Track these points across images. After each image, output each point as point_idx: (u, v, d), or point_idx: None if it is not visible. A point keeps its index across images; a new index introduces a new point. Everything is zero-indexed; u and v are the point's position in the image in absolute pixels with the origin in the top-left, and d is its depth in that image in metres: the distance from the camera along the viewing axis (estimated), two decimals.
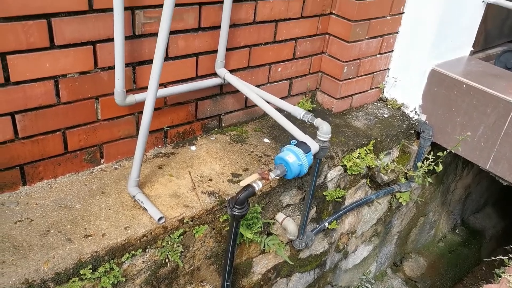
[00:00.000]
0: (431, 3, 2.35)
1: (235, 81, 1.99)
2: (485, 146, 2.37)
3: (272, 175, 1.64)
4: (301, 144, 1.72)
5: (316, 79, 2.54)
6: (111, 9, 1.58)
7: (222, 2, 1.87)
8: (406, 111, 2.65)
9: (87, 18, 1.56)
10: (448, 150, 2.45)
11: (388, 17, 2.43)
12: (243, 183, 1.59)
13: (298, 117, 1.87)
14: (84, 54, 1.61)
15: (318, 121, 1.81)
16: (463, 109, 2.41)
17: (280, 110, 1.93)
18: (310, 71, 2.48)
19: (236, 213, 1.60)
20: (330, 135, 1.80)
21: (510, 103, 2.22)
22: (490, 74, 2.49)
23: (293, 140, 1.74)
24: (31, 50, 1.48)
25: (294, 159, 1.66)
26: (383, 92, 2.73)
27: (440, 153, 2.37)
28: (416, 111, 2.63)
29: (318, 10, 2.28)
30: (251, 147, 2.16)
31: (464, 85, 2.38)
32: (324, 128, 1.79)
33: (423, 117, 2.61)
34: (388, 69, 2.67)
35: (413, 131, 2.63)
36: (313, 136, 1.81)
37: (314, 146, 1.76)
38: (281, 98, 2.36)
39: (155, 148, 2.03)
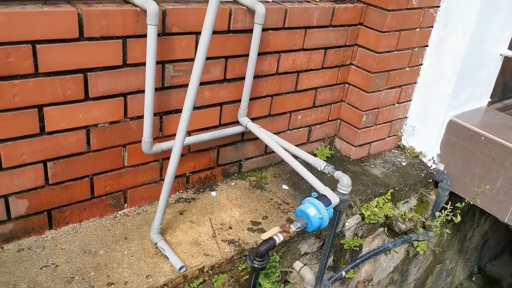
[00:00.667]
0: (449, 56, 2.41)
1: (258, 130, 2.04)
2: (504, 198, 2.36)
3: (292, 228, 1.66)
4: (322, 197, 1.74)
5: (334, 126, 2.58)
6: (143, 64, 1.66)
7: (247, 55, 1.94)
8: (424, 160, 2.66)
9: (120, 72, 1.63)
10: (466, 201, 2.45)
11: (407, 69, 2.48)
12: (264, 236, 1.61)
13: (319, 169, 1.90)
14: (115, 105, 1.68)
15: (338, 174, 1.84)
16: (482, 160, 2.42)
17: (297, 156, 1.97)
18: (329, 119, 2.52)
19: (257, 266, 1.62)
20: (350, 188, 1.83)
21: None
22: (508, 126, 2.51)
23: (314, 193, 1.77)
24: (67, 102, 1.56)
25: (315, 212, 1.68)
26: (400, 140, 2.76)
27: (458, 204, 2.37)
28: (434, 160, 2.64)
29: (339, 61, 2.35)
30: (270, 193, 2.19)
31: (483, 137, 2.40)
32: (345, 181, 1.82)
33: (441, 166, 2.62)
34: (406, 117, 2.70)
35: (431, 180, 2.63)
36: (331, 183, 1.84)
37: (335, 199, 1.78)
38: (300, 144, 2.42)
39: (177, 193, 2.07)
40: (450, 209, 2.43)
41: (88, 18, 1.47)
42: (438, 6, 2.38)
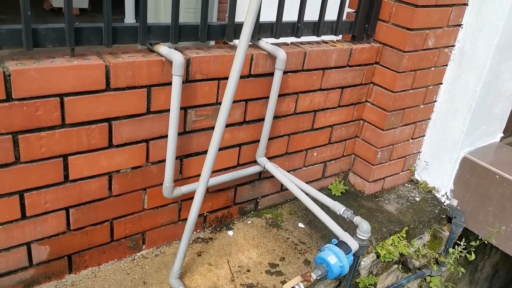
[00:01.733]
0: (464, 94, 2.42)
1: (276, 171, 2.04)
2: None
3: (313, 276, 1.65)
4: (342, 244, 1.74)
5: (349, 161, 2.59)
6: (166, 110, 1.67)
7: (266, 98, 1.96)
8: (438, 195, 2.66)
9: (143, 119, 1.64)
10: (480, 238, 2.44)
11: (422, 106, 2.49)
12: (286, 286, 1.61)
13: (338, 213, 1.91)
14: (138, 151, 1.69)
15: (358, 220, 1.84)
16: (496, 199, 2.42)
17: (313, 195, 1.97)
18: (344, 154, 2.53)
19: None
20: (370, 234, 1.83)
21: None
22: None
23: (334, 240, 1.77)
24: (91, 151, 1.57)
25: (335, 260, 1.68)
26: (413, 174, 2.76)
27: (473, 243, 2.36)
28: (447, 196, 2.64)
29: (355, 99, 2.36)
30: (287, 233, 2.18)
31: (497, 176, 2.40)
32: (364, 227, 1.82)
33: (455, 202, 2.62)
34: (419, 152, 2.71)
35: (444, 216, 2.63)
36: (347, 223, 1.83)
37: (354, 245, 1.78)
38: (315, 180, 2.43)
39: (194, 233, 2.07)
40: (464, 246, 2.43)
41: (115, 70, 1.49)
42: (453, 46, 2.40)
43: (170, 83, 1.62)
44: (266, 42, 1.88)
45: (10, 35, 1.32)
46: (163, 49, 1.59)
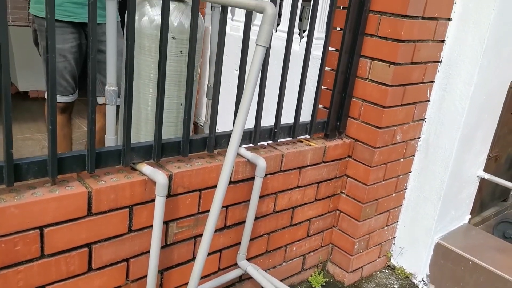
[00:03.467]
0: (434, 183, 2.52)
1: (258, 275, 2.02)
2: None
3: None
4: None
5: (327, 251, 2.60)
6: (148, 227, 1.65)
7: (247, 201, 1.97)
8: (415, 281, 2.69)
9: (125, 239, 1.61)
10: None
11: (394, 195, 2.57)
12: None
13: None
14: (118, 272, 1.63)
15: None
16: (471, 285, 2.47)
17: None
18: (322, 245, 2.54)
19: None
20: None
21: None
22: (493, 248, 2.60)
23: None
24: (70, 278, 1.50)
25: None
26: (390, 260, 2.80)
27: None
28: (424, 281, 2.67)
29: (330, 192, 2.41)
30: None
31: (471, 262, 2.47)
32: None
33: (432, 287, 2.65)
34: (394, 237, 2.76)
35: None
36: None
37: None
38: (295, 274, 2.41)
39: None
40: None
41: (98, 195, 1.47)
42: (419, 137, 2.53)
43: (152, 200, 1.61)
44: (246, 149, 1.92)
45: None
46: (146, 168, 1.59)
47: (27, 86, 5.13)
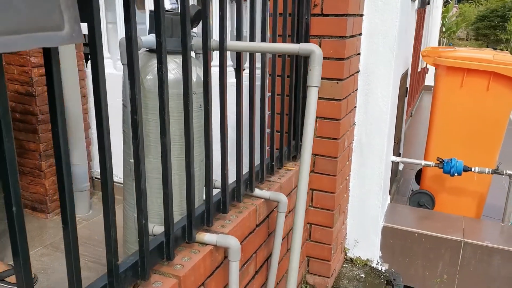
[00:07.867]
0: (374, 176, 2.87)
1: None
2: (447, 280, 2.88)
3: None
4: None
5: (305, 264, 2.70)
6: None
7: None
8: (373, 265, 3.01)
9: None
10: None
11: (345, 195, 2.83)
12: None
13: None
14: None
15: None
16: (420, 253, 2.91)
17: None
18: (301, 260, 2.63)
19: None
20: None
21: (456, 241, 2.82)
22: (421, 217, 3.10)
23: None
24: None
25: None
26: (346, 254, 3.06)
27: None
28: (379, 263, 3.02)
29: None
30: None
31: (416, 234, 2.90)
32: None
33: (386, 266, 3.01)
34: (347, 233, 3.03)
35: (384, 281, 2.99)
36: None
37: None
38: None
39: None
40: None
41: (184, 281, 1.27)
42: (353, 140, 2.85)
43: (216, 268, 1.46)
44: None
45: None
46: (208, 236, 1.44)
47: None
